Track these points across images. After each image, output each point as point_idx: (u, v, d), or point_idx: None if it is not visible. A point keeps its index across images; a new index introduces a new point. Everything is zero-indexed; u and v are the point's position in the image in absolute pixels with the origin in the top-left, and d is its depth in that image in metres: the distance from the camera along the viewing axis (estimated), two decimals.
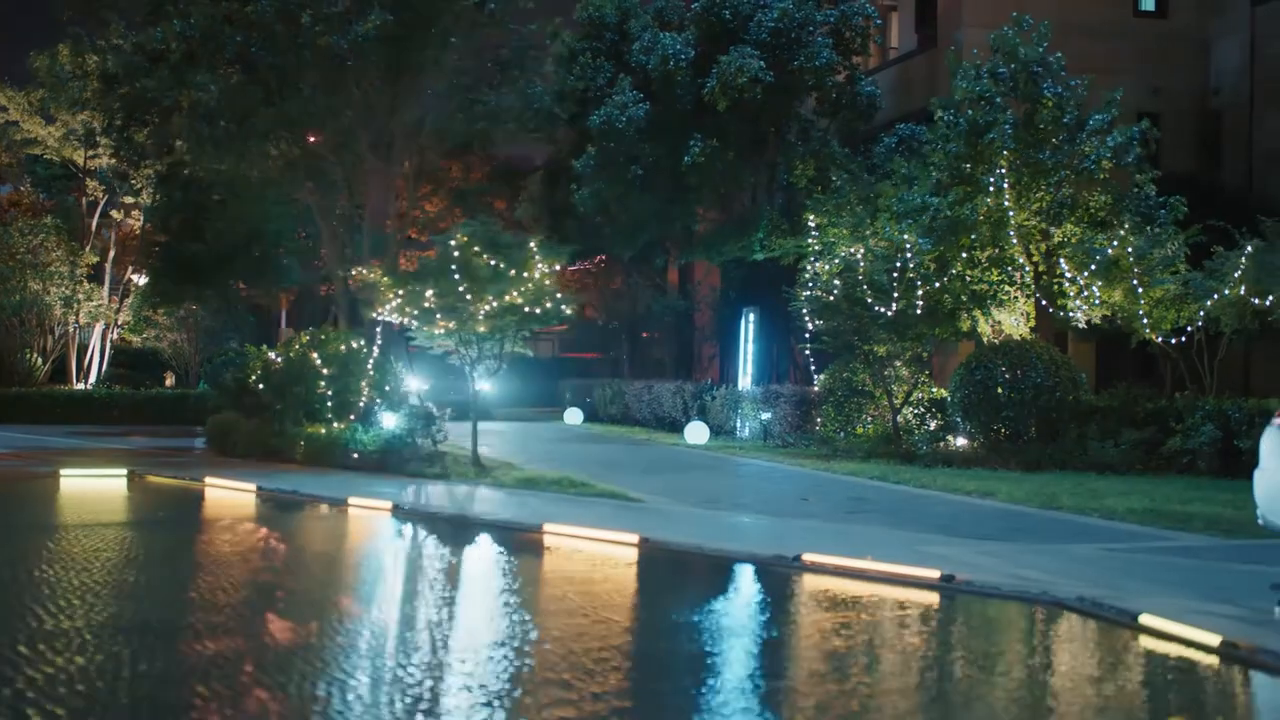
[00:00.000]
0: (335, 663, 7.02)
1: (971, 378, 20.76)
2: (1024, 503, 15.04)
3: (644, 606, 9.45)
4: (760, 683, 6.93)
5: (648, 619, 8.89)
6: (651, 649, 7.86)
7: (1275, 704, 6.76)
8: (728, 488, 17.22)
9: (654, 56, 27.16)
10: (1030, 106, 21.89)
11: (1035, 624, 8.69)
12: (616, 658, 7.37)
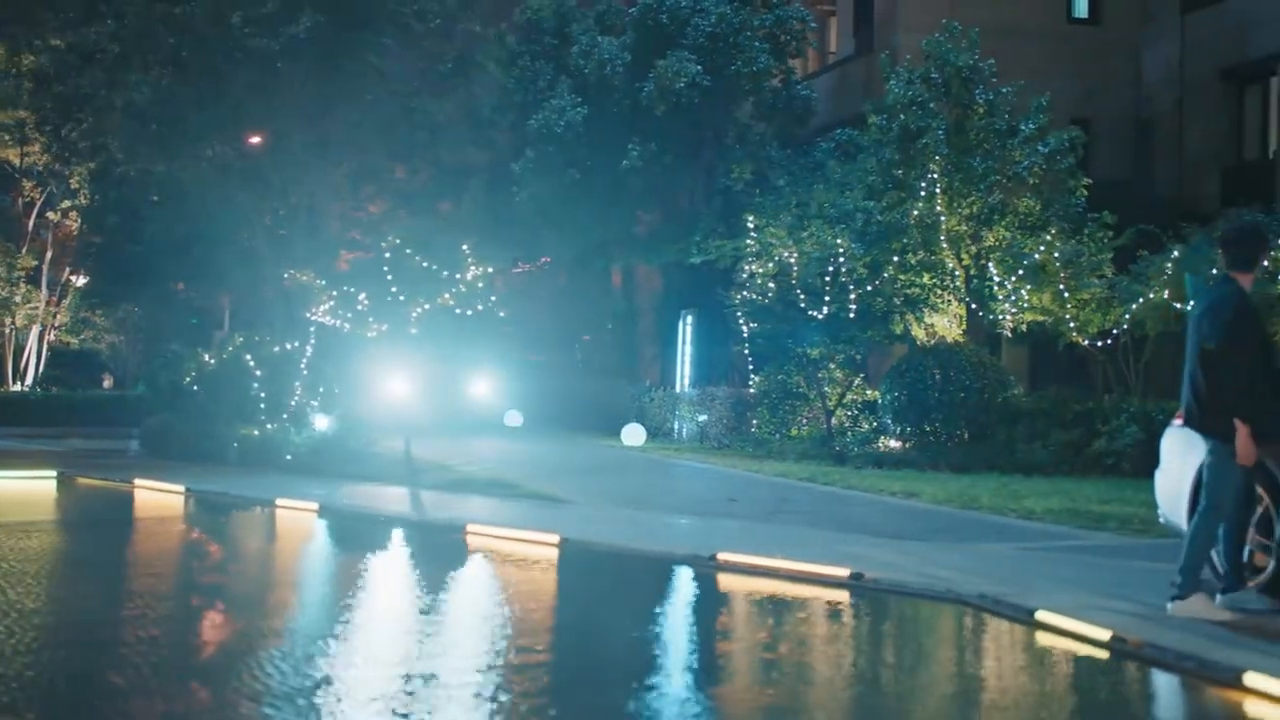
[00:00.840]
0: (189, 658, 7.11)
1: (901, 380, 20.99)
2: (946, 503, 15.24)
3: (548, 604, 9.57)
4: (637, 676, 7.05)
5: (548, 616, 9.00)
6: (541, 644, 7.97)
7: (1156, 695, 6.94)
8: (658, 489, 17.35)
9: (592, 60, 27.28)
10: (962, 112, 22.15)
11: (934, 620, 8.88)
12: (491, 653, 7.47)
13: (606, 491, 16.57)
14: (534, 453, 23.84)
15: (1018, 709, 6.61)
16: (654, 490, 17.08)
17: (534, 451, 24.15)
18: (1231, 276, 8.51)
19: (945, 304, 22.32)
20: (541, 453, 23.89)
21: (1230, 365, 8.27)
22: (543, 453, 23.90)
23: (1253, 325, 8.43)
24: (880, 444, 22.16)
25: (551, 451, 24.35)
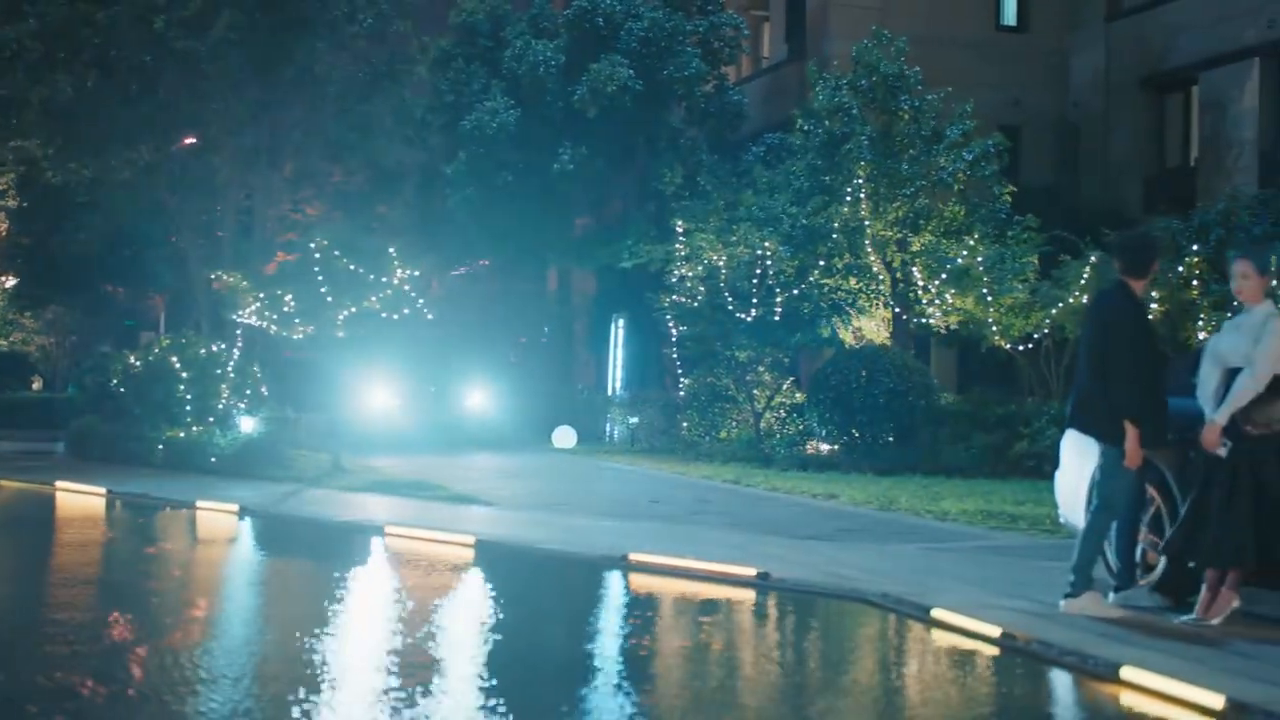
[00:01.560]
0: (76, 657, 7.16)
1: (827, 383, 21.17)
2: (865, 504, 15.43)
3: (453, 602, 9.64)
4: (528, 673, 7.16)
5: (451, 614, 9.08)
6: (438, 641, 8.06)
7: (1037, 688, 7.10)
8: (581, 491, 17.43)
9: (525, 63, 27.35)
10: (888, 119, 22.38)
11: (833, 618, 9.04)
12: (385, 649, 7.55)
13: (532, 493, 16.66)
14: (462, 454, 23.86)
15: (901, 702, 6.77)
16: (577, 492, 17.16)
17: (462, 453, 24.16)
18: (1124, 282, 8.71)
19: (872, 308, 22.55)
20: (469, 454, 23.92)
21: (1120, 369, 8.46)
22: (470, 454, 23.93)
23: (1143, 330, 8.63)
24: (808, 446, 22.38)
25: (478, 453, 24.38)
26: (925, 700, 6.83)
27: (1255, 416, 8.05)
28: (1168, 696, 6.56)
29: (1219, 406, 8.20)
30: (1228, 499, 8.09)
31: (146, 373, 20.65)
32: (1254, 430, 8.05)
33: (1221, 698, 6.32)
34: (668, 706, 6.55)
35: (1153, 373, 8.56)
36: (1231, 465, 8.11)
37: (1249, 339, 8.16)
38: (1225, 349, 8.33)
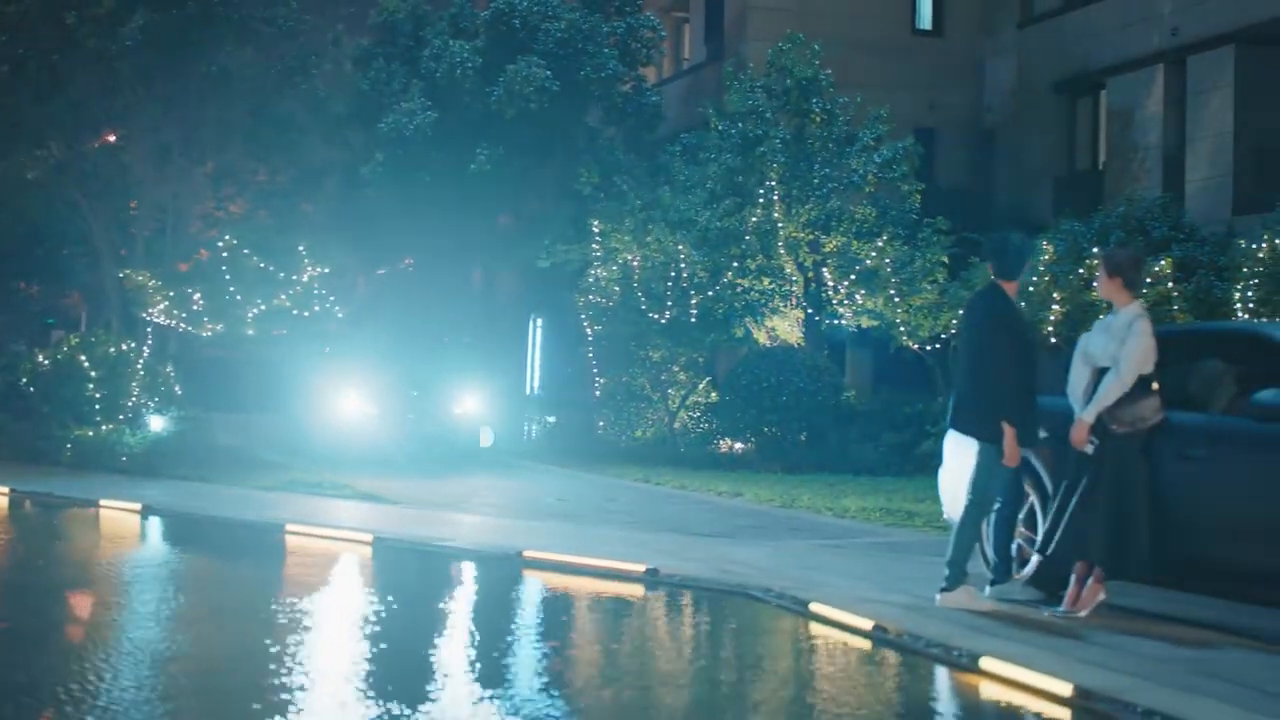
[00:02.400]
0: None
1: (738, 383, 21.39)
2: (768, 502, 15.64)
3: (327, 597, 9.72)
4: (412, 667, 7.27)
5: (341, 610, 9.16)
6: (326, 637, 8.15)
7: (901, 678, 7.30)
8: (490, 489, 17.50)
9: (443, 64, 27.34)
10: (800, 121, 22.61)
11: (713, 612, 9.22)
12: (275, 645, 7.64)
13: (441, 492, 16.67)
14: (379, 453, 23.73)
15: (764, 692, 6.95)
16: (485, 491, 17.23)
17: (379, 452, 24.04)
18: (996, 284, 8.94)
19: (785, 308, 22.78)
20: (385, 453, 23.78)
21: (995, 370, 8.69)
22: (386, 453, 23.81)
23: (1016, 331, 8.87)
24: (721, 445, 22.59)
25: (394, 452, 24.28)
26: (787, 689, 7.03)
27: (1121, 415, 8.29)
28: (1021, 685, 6.78)
29: (1088, 405, 8.45)
30: (1092, 495, 8.33)
31: (55, 371, 20.47)
32: (1119, 429, 8.29)
33: (1070, 685, 6.54)
34: (520, 698, 6.66)
35: (1026, 372, 8.79)
36: (1097, 462, 8.36)
37: (1116, 340, 8.41)
38: (1094, 349, 8.59)
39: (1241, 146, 22.67)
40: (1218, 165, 22.97)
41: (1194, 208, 22.86)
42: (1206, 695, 6.42)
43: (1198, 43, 23.44)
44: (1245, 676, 6.81)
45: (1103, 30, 25.66)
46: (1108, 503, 8.26)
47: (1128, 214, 19.80)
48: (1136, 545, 8.22)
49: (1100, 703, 6.35)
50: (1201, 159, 23.32)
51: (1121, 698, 6.35)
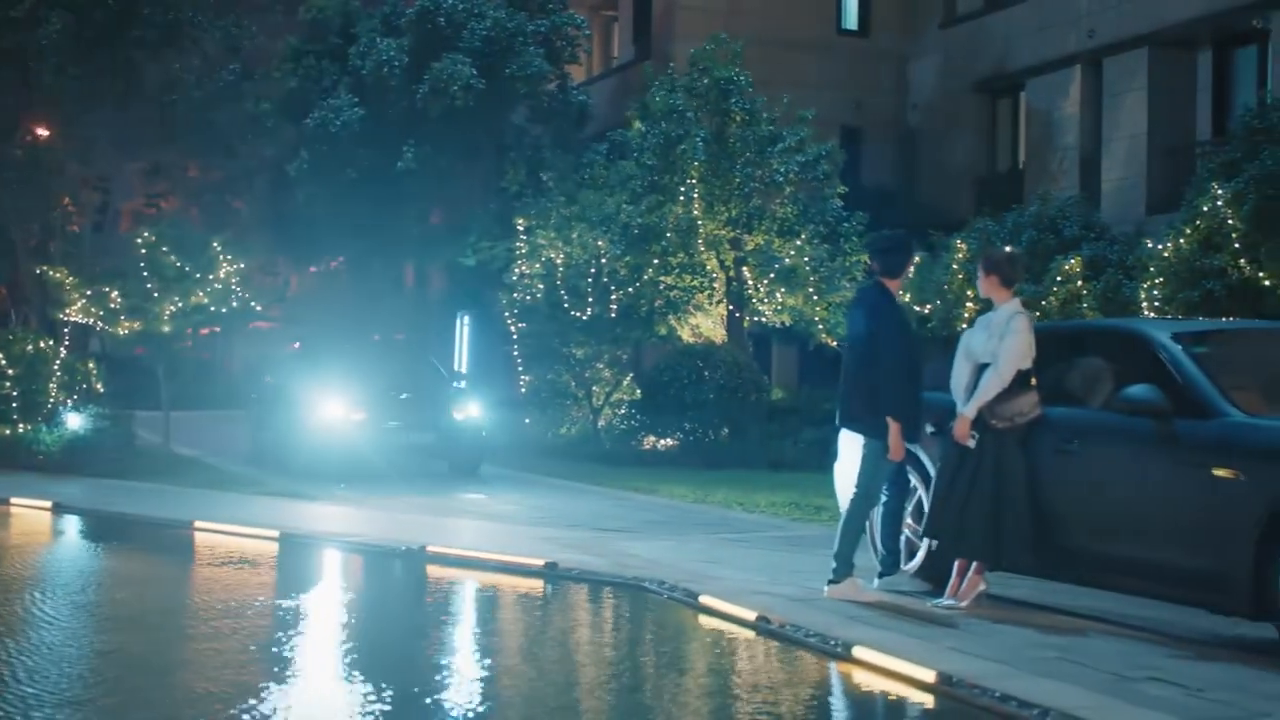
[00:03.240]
0: None
1: (661, 380, 21.55)
2: (682, 498, 15.78)
3: (233, 592, 9.78)
4: (294, 659, 7.37)
5: (230, 604, 9.24)
6: (214, 631, 8.24)
7: (777, 666, 7.46)
8: (404, 486, 17.45)
9: (369, 61, 27.36)
10: (722, 121, 22.79)
11: (605, 604, 9.40)
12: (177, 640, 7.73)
13: (359, 489, 16.62)
14: (273, 445, 23.49)
15: (642, 679, 7.11)
16: (399, 487, 17.19)
17: (273, 443, 23.83)
18: (881, 283, 9.13)
19: (708, 306, 22.95)
20: (277, 445, 23.55)
21: (879, 366, 8.87)
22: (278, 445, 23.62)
23: (900, 328, 9.06)
24: (645, 442, 22.72)
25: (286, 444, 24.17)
26: (660, 677, 7.19)
27: (1000, 410, 8.49)
28: (889, 672, 6.97)
29: (969, 400, 8.65)
30: (972, 489, 8.54)
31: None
32: (998, 424, 8.49)
33: (933, 672, 6.73)
34: (402, 687, 6.78)
35: (910, 369, 8.97)
36: (977, 456, 8.56)
37: (996, 337, 8.61)
38: (975, 346, 8.79)
39: (1154, 147, 23.11)
40: (1132, 165, 23.38)
41: (1109, 207, 23.29)
42: (1062, 680, 6.63)
43: (1113, 45, 23.88)
44: (1104, 662, 7.03)
45: (1022, 32, 26.04)
46: (987, 496, 8.46)
47: (1040, 213, 20.12)
48: (1015, 537, 8.43)
49: (960, 688, 6.54)
50: (1117, 159, 23.73)
51: (981, 683, 6.54)
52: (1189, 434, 7.65)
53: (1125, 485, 8.07)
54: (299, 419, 17.60)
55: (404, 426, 17.65)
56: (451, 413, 18.04)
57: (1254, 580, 7.15)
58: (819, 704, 6.77)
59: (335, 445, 17.08)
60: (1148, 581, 7.98)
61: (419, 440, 17.67)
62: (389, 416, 17.70)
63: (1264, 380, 8.32)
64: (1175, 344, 8.08)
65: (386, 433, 17.43)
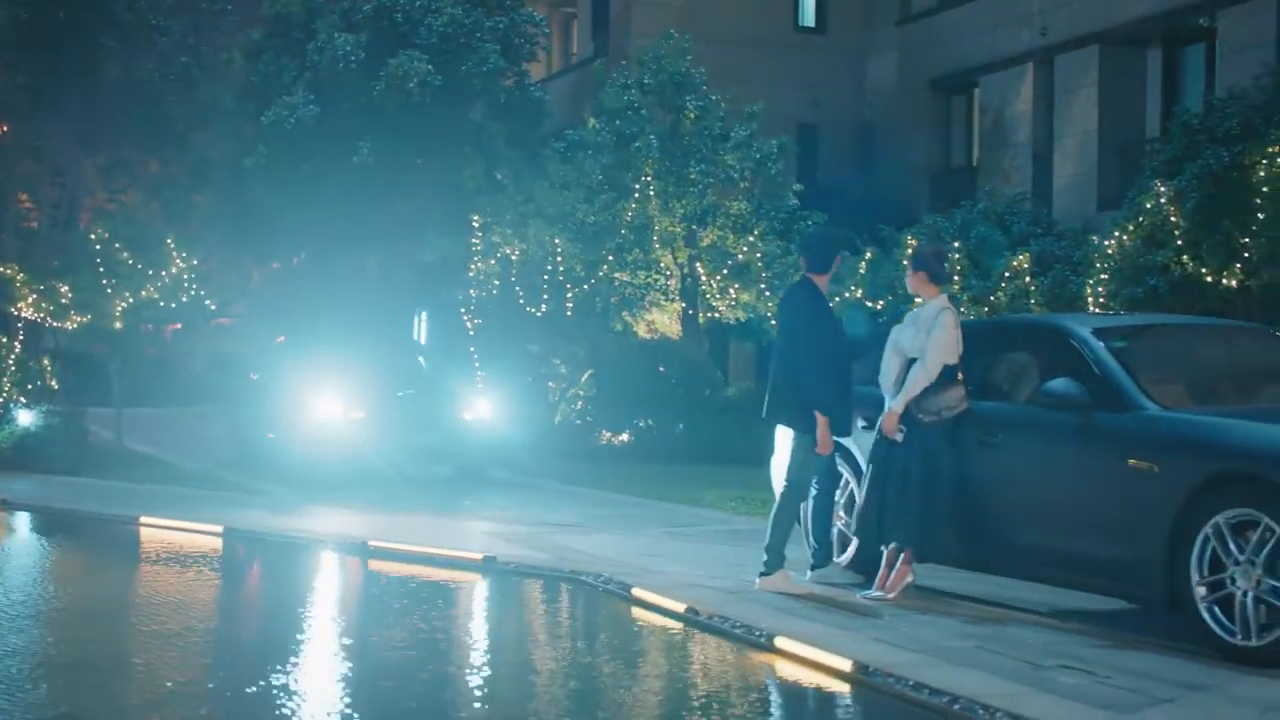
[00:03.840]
0: None
1: (615, 375, 21.66)
2: (631, 493, 15.87)
3: (176, 588, 9.86)
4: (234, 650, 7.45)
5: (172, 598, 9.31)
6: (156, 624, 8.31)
7: (701, 656, 7.58)
8: (357, 481, 17.41)
9: (326, 56, 27.34)
10: (675, 118, 22.89)
11: (541, 597, 9.51)
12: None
13: (313, 485, 16.51)
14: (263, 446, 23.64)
15: (568, 668, 7.22)
16: (352, 483, 17.15)
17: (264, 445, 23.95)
18: (808, 278, 9.25)
19: (665, 302, 23.05)
20: (271, 446, 23.70)
21: (807, 361, 8.99)
22: (273, 446, 23.71)
23: (827, 323, 9.19)
24: (600, 437, 22.82)
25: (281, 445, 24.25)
26: (587, 666, 7.30)
27: (927, 404, 8.62)
28: (809, 661, 7.09)
29: (897, 394, 8.78)
30: (900, 482, 8.67)
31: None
32: (925, 418, 8.62)
33: (849, 661, 6.85)
34: (331, 675, 6.88)
35: (838, 363, 9.10)
36: (905, 450, 8.69)
37: (923, 332, 8.74)
38: (904, 341, 8.91)
39: (1105, 144, 23.30)
40: (1083, 162, 23.59)
41: (1061, 203, 23.49)
42: (977, 668, 6.76)
43: (1064, 43, 24.06)
44: (1021, 651, 7.16)
45: (976, 29, 26.21)
46: (914, 489, 8.59)
47: (989, 209, 20.30)
48: (942, 529, 8.57)
49: (876, 677, 6.66)
50: (1068, 156, 23.93)
51: (897, 672, 6.67)
52: (1107, 427, 7.80)
53: (1047, 477, 8.23)
54: (291, 418, 16.46)
55: (407, 426, 16.37)
56: (459, 412, 16.77)
57: (1167, 571, 7.30)
58: (735, 693, 6.88)
59: (332, 447, 15.93)
60: (1068, 572, 8.13)
61: (423, 441, 16.41)
62: (390, 415, 16.41)
63: (1183, 374, 8.49)
64: (1095, 339, 8.23)
65: (388, 433, 16.17)
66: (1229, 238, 15.57)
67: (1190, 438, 7.41)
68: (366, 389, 16.41)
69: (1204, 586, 7.13)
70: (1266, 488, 6.89)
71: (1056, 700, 6.20)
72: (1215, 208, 15.60)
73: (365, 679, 6.94)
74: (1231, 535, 7.01)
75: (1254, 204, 15.28)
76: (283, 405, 16.80)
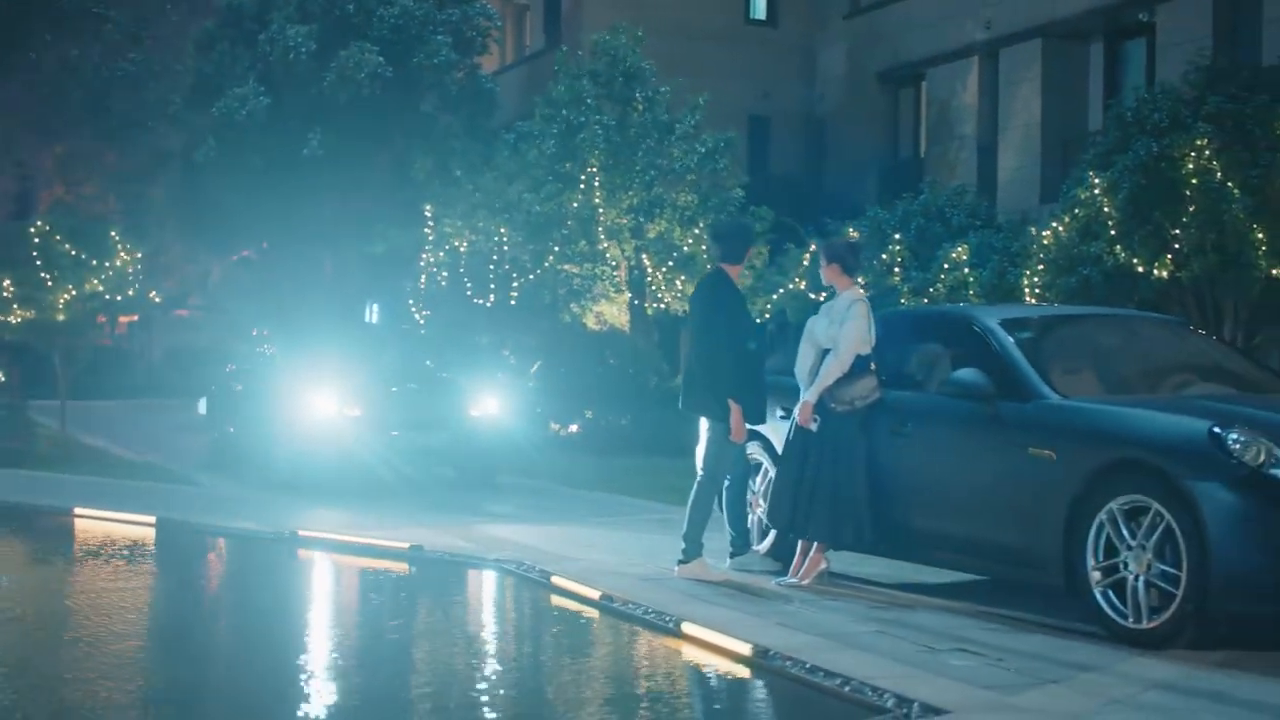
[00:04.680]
0: None
1: (561, 367, 21.78)
2: (570, 484, 16.01)
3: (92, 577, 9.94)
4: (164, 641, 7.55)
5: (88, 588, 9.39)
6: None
7: (612, 641, 7.75)
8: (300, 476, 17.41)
9: (277, 48, 27.34)
10: (624, 109, 22.99)
11: (461, 584, 9.66)
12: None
13: (253, 475, 16.55)
14: (213, 440, 23.60)
15: (477, 652, 7.36)
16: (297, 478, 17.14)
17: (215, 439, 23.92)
18: (721, 269, 9.38)
19: (614, 293, 23.16)
20: (222, 441, 23.66)
21: (720, 350, 9.12)
22: (224, 441, 23.69)
23: (740, 313, 9.32)
24: (548, 428, 22.92)
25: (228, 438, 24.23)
26: (493, 650, 7.45)
27: (840, 394, 8.77)
28: (712, 646, 7.23)
29: (812, 384, 8.92)
30: (814, 471, 8.81)
31: None
32: (838, 407, 8.77)
33: (749, 645, 6.99)
34: (241, 666, 6.98)
35: (750, 352, 9.23)
36: (819, 439, 8.83)
37: (837, 323, 8.89)
38: (818, 332, 9.06)
39: (1048, 137, 23.56)
40: (1026, 155, 23.83)
41: (1005, 196, 23.73)
42: (874, 652, 6.92)
43: (1009, 36, 24.29)
44: (921, 635, 7.32)
45: (923, 22, 26.42)
46: (827, 477, 8.74)
47: (929, 201, 20.49)
48: (854, 517, 8.72)
49: (775, 660, 6.80)
50: (1012, 148, 24.17)
51: (796, 656, 6.80)
52: (1010, 416, 7.97)
53: (954, 466, 8.40)
54: (280, 417, 15.22)
55: (409, 425, 15.00)
56: (466, 409, 15.44)
57: (1065, 556, 7.48)
58: (637, 676, 7.03)
59: (326, 448, 14.59)
60: (974, 558, 8.31)
61: (427, 442, 15.06)
62: (391, 413, 15.01)
63: (1089, 365, 8.67)
64: (1001, 329, 8.40)
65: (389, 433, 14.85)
66: (1159, 229, 15.79)
67: (1086, 426, 7.59)
68: (365, 383, 15.13)
69: (1098, 571, 7.31)
70: (1156, 474, 7.08)
71: (945, 682, 6.35)
72: (1146, 199, 15.81)
73: (266, 666, 7.04)
74: (1124, 521, 7.20)
75: (1183, 195, 15.50)
76: (267, 402, 15.76)
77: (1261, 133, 15.60)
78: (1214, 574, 6.79)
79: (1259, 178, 15.30)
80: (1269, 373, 9.21)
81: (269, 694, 6.43)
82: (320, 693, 6.49)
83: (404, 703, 6.42)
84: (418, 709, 6.32)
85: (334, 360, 15.45)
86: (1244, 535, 6.79)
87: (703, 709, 6.53)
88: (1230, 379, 8.86)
